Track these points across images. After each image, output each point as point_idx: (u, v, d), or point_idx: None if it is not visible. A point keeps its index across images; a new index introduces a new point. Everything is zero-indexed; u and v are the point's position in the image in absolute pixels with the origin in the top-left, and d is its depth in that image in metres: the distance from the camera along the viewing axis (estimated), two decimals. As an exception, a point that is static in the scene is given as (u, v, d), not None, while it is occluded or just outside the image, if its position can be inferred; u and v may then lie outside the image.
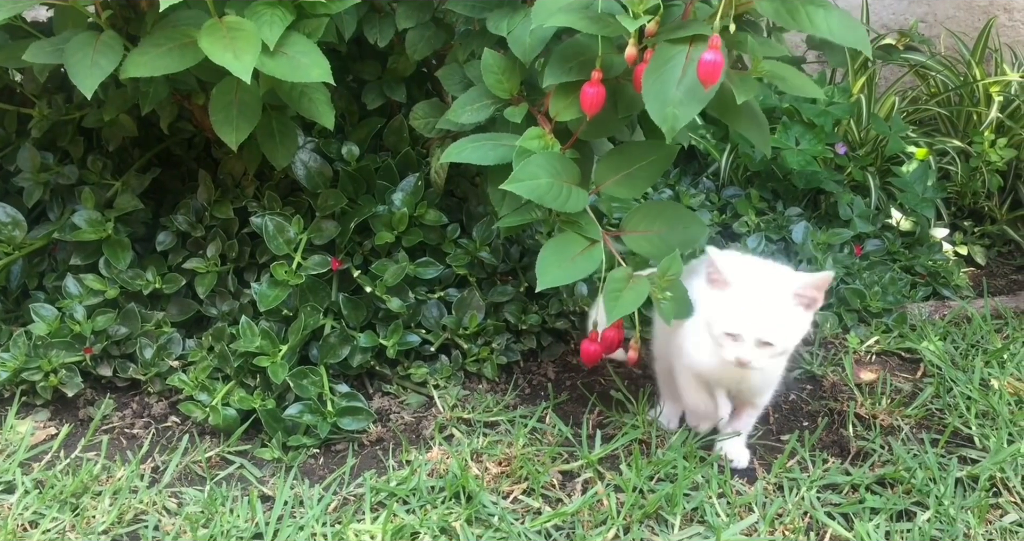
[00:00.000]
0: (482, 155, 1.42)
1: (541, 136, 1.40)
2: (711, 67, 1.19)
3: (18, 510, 1.34)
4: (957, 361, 1.73)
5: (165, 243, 1.70)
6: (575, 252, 1.40)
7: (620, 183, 1.44)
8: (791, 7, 1.27)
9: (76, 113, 1.74)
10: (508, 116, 1.43)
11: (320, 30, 1.40)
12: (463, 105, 1.49)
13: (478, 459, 1.45)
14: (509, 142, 1.41)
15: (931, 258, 2.07)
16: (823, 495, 1.40)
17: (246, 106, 1.42)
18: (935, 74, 2.42)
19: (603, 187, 1.44)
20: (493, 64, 1.45)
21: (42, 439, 1.51)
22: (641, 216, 1.45)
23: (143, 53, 1.35)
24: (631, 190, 1.45)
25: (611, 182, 1.44)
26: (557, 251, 1.39)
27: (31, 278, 1.70)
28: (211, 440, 1.51)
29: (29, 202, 1.71)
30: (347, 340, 1.59)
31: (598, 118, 1.38)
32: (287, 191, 1.73)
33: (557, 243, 1.40)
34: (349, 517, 1.33)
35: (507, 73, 1.45)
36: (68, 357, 1.57)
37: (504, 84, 1.45)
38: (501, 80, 1.45)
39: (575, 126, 1.43)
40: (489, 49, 1.46)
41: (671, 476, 1.42)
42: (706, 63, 1.19)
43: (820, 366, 1.72)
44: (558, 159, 1.38)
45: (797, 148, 2.10)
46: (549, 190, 1.35)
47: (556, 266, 1.38)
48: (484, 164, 1.42)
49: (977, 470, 1.44)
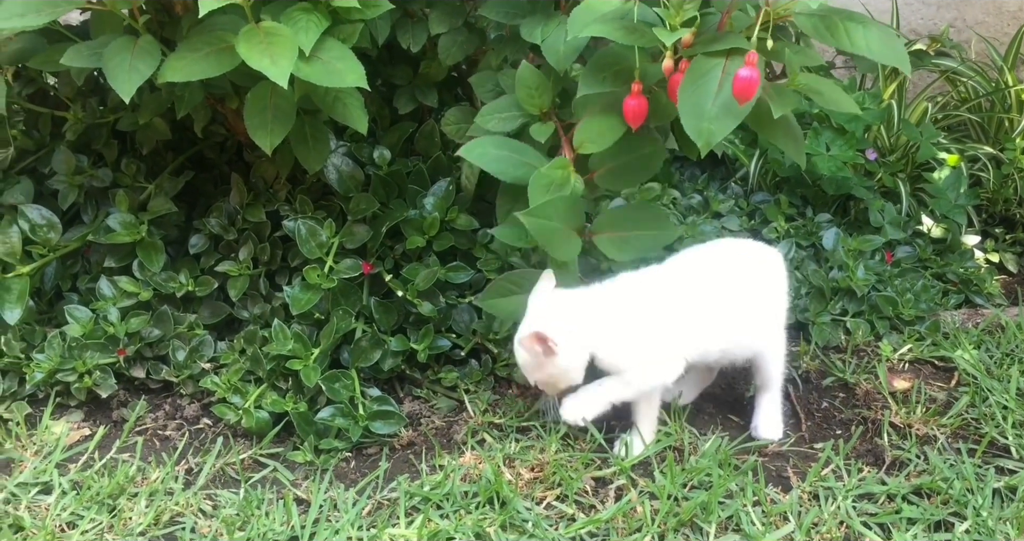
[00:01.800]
0: (502, 169, 1.43)
1: (565, 167, 1.41)
2: (747, 83, 1.19)
3: (56, 510, 1.35)
4: (992, 370, 1.71)
5: (198, 246, 1.71)
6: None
7: (612, 173, 1.44)
8: (830, 24, 1.26)
9: (110, 116, 1.75)
10: (534, 134, 1.44)
11: (355, 35, 1.41)
12: (492, 112, 1.49)
13: (510, 464, 1.45)
14: (531, 160, 1.42)
15: (963, 265, 2.04)
16: (859, 505, 1.39)
17: (280, 110, 1.43)
18: (966, 80, 2.40)
19: (596, 175, 1.43)
20: (528, 78, 1.45)
21: (76, 440, 1.52)
22: (612, 218, 1.47)
23: (181, 58, 1.36)
24: (624, 182, 1.46)
25: (604, 170, 1.44)
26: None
27: (65, 280, 1.72)
28: (244, 442, 1.52)
29: (64, 204, 1.72)
30: (378, 344, 1.60)
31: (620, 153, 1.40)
32: (319, 195, 1.73)
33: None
34: (384, 521, 1.33)
35: (540, 89, 1.45)
36: (102, 359, 1.58)
37: (535, 99, 1.45)
38: (533, 95, 1.45)
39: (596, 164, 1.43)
40: (526, 63, 1.47)
41: (705, 484, 1.41)
42: (742, 79, 1.19)
43: (853, 374, 1.70)
44: (573, 205, 1.40)
45: (828, 154, 2.09)
46: (555, 235, 1.38)
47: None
48: (501, 178, 1.43)
49: (1015, 481, 1.42)
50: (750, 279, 1.50)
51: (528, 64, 1.46)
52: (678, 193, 2.12)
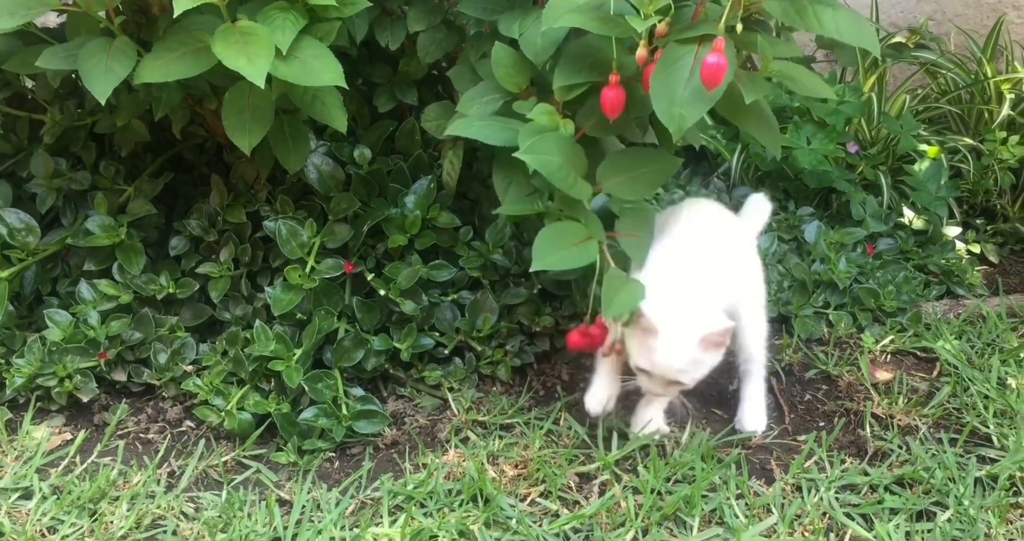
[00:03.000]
0: (490, 134, 1.41)
1: (551, 113, 1.39)
2: (714, 69, 1.19)
3: (36, 516, 1.34)
4: (973, 360, 1.72)
5: (178, 248, 1.70)
6: (574, 241, 1.38)
7: (623, 184, 1.44)
8: (799, 7, 1.26)
9: (88, 119, 1.74)
10: (516, 108, 1.43)
11: (332, 34, 1.40)
12: (472, 98, 1.48)
13: (494, 462, 1.45)
14: (520, 126, 1.39)
15: (944, 256, 2.06)
16: (842, 496, 1.39)
17: (259, 110, 1.42)
18: (945, 72, 2.41)
19: (606, 185, 1.43)
20: (503, 57, 1.44)
21: (57, 444, 1.51)
22: (612, 164, 1.44)
23: (157, 58, 1.35)
24: (633, 192, 1.45)
25: (614, 182, 1.43)
26: (556, 236, 1.38)
27: (44, 284, 1.71)
28: (226, 444, 1.51)
29: (42, 208, 1.71)
30: (361, 343, 1.59)
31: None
32: (299, 195, 1.73)
33: (557, 229, 1.39)
34: (367, 521, 1.33)
35: (517, 67, 1.44)
36: (83, 362, 1.57)
37: (514, 78, 1.44)
38: (511, 73, 1.44)
39: (582, 121, 1.42)
40: (500, 44, 1.46)
41: (688, 477, 1.41)
42: (709, 65, 1.19)
43: (835, 366, 1.71)
44: (569, 143, 1.37)
45: (808, 147, 2.09)
46: (559, 169, 1.34)
47: (553, 251, 1.36)
48: (491, 143, 1.40)
49: (996, 469, 1.43)
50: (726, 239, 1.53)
51: (502, 45, 1.45)
52: (660, 188, 2.12)
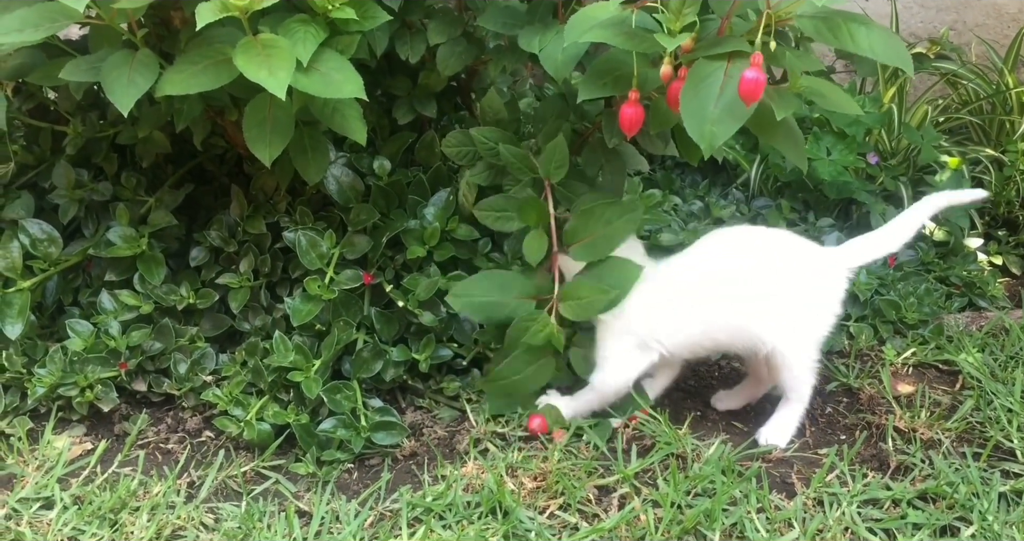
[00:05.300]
0: (487, 317, 1.56)
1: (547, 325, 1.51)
2: (753, 85, 1.19)
3: (57, 525, 1.34)
4: (996, 373, 1.70)
5: (198, 258, 1.71)
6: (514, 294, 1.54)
7: (587, 247, 1.52)
8: (832, 25, 1.26)
9: (110, 130, 1.75)
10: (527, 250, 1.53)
11: (353, 47, 1.41)
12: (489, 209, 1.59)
13: (513, 474, 1.44)
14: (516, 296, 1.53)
15: (966, 268, 2.04)
16: (864, 510, 1.38)
17: (279, 122, 1.43)
18: (966, 83, 2.40)
19: (572, 248, 1.52)
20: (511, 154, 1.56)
21: (78, 454, 1.52)
22: (579, 225, 1.52)
23: (179, 71, 1.36)
24: (595, 254, 1.52)
25: (579, 245, 1.52)
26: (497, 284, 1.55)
27: (66, 294, 1.72)
28: (246, 455, 1.52)
29: (64, 219, 1.72)
30: (380, 354, 1.59)
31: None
32: (319, 206, 1.73)
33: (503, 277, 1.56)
34: (386, 533, 1.33)
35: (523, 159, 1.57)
36: (103, 372, 1.58)
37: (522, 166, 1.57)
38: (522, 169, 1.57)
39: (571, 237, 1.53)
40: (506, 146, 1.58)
41: (709, 491, 1.40)
42: (748, 81, 1.19)
43: (856, 378, 1.70)
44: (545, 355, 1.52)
45: (828, 158, 2.09)
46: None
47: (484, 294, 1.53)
48: (486, 324, 1.61)
49: (1021, 484, 1.41)
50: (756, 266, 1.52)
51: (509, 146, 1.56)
52: (679, 199, 2.12)
